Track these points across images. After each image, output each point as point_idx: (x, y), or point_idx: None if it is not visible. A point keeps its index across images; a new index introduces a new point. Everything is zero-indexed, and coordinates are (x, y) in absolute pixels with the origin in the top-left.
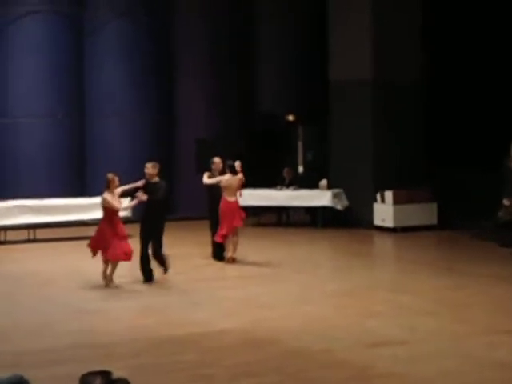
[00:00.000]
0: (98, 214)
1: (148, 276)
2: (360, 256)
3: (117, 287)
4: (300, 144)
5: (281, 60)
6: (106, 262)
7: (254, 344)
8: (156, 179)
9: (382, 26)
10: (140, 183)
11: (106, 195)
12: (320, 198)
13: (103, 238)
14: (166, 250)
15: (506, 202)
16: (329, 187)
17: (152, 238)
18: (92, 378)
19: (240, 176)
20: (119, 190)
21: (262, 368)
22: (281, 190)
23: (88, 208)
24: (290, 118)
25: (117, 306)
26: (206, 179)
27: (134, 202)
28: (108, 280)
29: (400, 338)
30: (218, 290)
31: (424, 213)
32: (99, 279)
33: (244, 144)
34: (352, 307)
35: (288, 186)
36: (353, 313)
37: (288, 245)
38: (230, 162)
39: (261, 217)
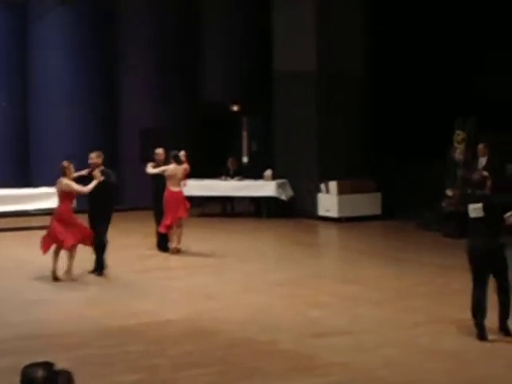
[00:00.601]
0: (42, 204)
1: (103, 265)
2: (305, 246)
3: (73, 280)
4: (245, 134)
5: (226, 49)
6: (56, 255)
7: (198, 334)
8: (101, 168)
9: (325, 17)
10: (85, 172)
11: (66, 180)
12: (265, 188)
13: (60, 229)
14: (112, 240)
15: (449, 192)
16: (273, 177)
17: (100, 222)
18: (34, 369)
19: (185, 166)
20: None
21: (205, 358)
22: (225, 180)
23: (32, 198)
24: (235, 108)
25: (62, 296)
26: (151, 169)
27: (94, 182)
28: (68, 273)
29: (344, 328)
30: (162, 281)
31: (368, 203)
32: (44, 270)
33: (188, 133)
34: (297, 297)
35: (233, 176)
36: (298, 303)
37: (232, 235)
38: (174, 152)
39: (205, 207)
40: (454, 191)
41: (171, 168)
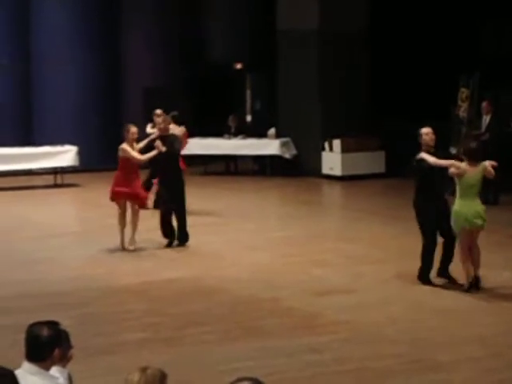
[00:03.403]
0: (45, 164)
1: (172, 237)
2: (308, 204)
3: (135, 250)
4: (248, 92)
5: (229, 8)
6: (122, 219)
7: (201, 293)
8: (169, 133)
9: None
10: (154, 136)
11: (124, 145)
12: (268, 146)
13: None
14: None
15: (453, 150)
16: (277, 136)
17: (173, 194)
18: (39, 327)
19: (182, 128)
20: (139, 145)
21: (209, 316)
22: (229, 138)
23: (35, 157)
24: (238, 66)
25: (65, 255)
26: (149, 129)
27: (154, 152)
28: (131, 241)
29: (347, 287)
30: (164, 240)
31: (372, 161)
32: (47, 229)
33: (192, 92)
34: (300, 256)
35: (235, 134)
36: (301, 261)
37: (236, 194)
38: (173, 113)
39: (208, 166)
40: (457, 149)
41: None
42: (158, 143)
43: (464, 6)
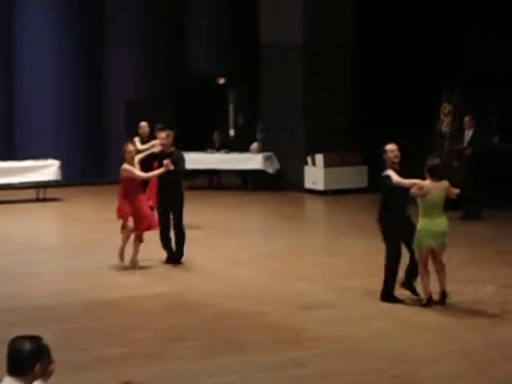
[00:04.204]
0: (27, 178)
1: (171, 253)
2: (291, 219)
3: (141, 268)
4: (231, 107)
5: (212, 21)
6: (126, 238)
7: (184, 308)
8: (172, 149)
9: None
10: (156, 149)
11: (125, 165)
12: (251, 161)
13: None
14: (98, 214)
15: None
16: (260, 150)
17: (173, 210)
18: (21, 342)
19: None
20: (137, 158)
21: (192, 331)
22: (212, 153)
23: (17, 171)
24: (221, 81)
25: (47, 270)
26: (139, 144)
27: (161, 170)
28: (133, 261)
29: (330, 301)
30: (148, 254)
31: (355, 176)
32: (29, 243)
33: (175, 107)
34: (283, 270)
35: (219, 149)
36: (284, 276)
37: (219, 208)
38: (159, 125)
39: (192, 180)
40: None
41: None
42: (168, 162)
43: (448, 21)
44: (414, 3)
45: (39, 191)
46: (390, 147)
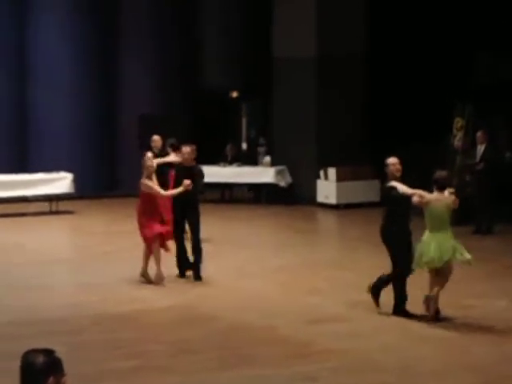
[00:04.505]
0: (40, 191)
1: (184, 272)
2: (303, 233)
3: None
4: (244, 120)
5: (225, 35)
6: (147, 256)
7: (194, 321)
8: (192, 163)
9: (325, 2)
10: (173, 159)
11: (145, 180)
12: (263, 174)
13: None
14: (110, 226)
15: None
16: (272, 164)
17: (190, 227)
18: (34, 355)
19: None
20: (154, 165)
21: (202, 344)
22: (224, 166)
23: (30, 184)
24: (234, 94)
25: (58, 282)
26: (151, 160)
27: (181, 189)
28: (158, 277)
29: (341, 315)
30: (160, 267)
31: (367, 190)
32: (41, 256)
33: (187, 120)
34: (294, 284)
35: (231, 162)
36: (295, 289)
37: (231, 222)
38: (171, 141)
39: (204, 193)
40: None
41: (172, 158)
42: (189, 183)
43: (459, 35)
44: (425, 15)
45: (52, 204)
46: (392, 160)
